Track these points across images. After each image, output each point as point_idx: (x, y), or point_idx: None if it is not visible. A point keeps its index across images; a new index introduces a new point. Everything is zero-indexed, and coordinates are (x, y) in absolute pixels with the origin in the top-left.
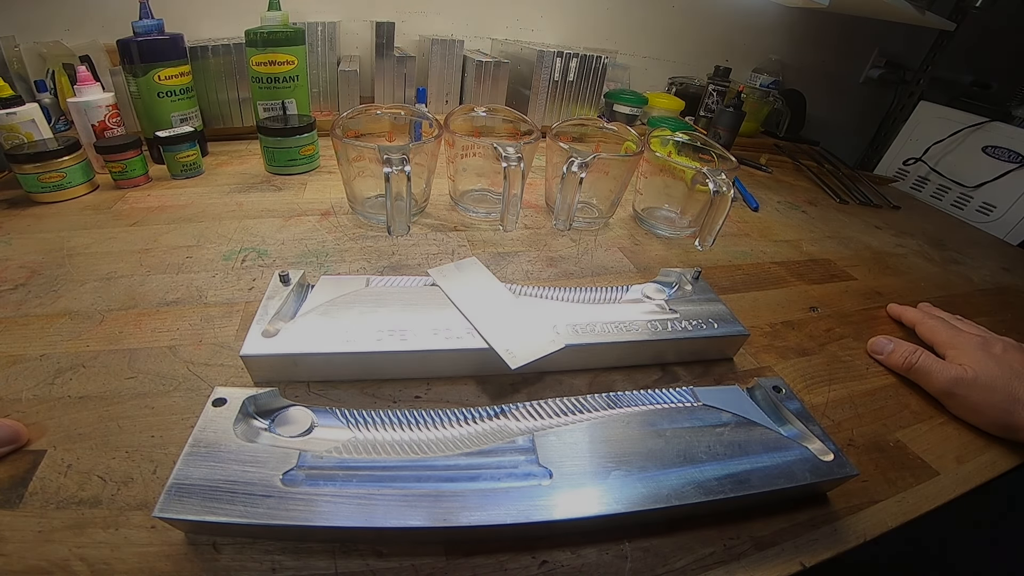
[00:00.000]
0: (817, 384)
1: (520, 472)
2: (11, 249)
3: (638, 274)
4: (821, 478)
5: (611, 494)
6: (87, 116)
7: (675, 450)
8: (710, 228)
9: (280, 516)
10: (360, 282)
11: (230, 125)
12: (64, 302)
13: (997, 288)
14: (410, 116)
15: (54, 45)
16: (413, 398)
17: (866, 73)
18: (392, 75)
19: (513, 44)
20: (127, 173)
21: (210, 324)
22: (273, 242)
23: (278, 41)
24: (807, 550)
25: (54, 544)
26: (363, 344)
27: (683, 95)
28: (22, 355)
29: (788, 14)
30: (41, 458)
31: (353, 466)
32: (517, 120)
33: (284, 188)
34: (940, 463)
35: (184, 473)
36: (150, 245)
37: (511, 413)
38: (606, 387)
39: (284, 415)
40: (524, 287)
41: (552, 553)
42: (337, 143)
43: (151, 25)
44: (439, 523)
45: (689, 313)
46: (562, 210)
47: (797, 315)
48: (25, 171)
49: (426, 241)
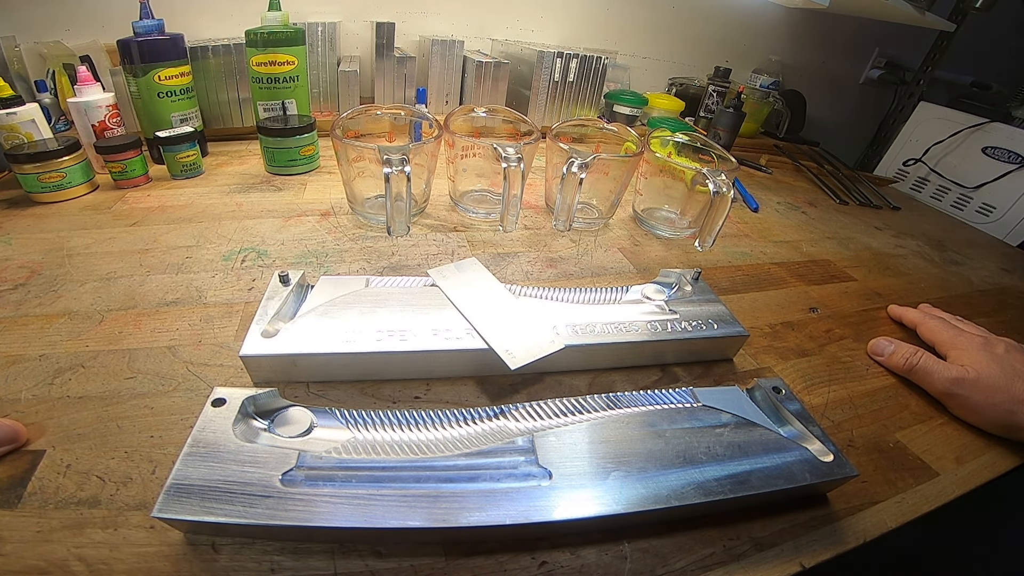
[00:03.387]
0: (817, 385)
1: (520, 473)
2: (11, 249)
3: (638, 275)
4: (821, 479)
5: (611, 495)
6: (87, 116)
7: (675, 451)
8: (710, 229)
9: (279, 516)
10: (360, 282)
11: (230, 125)
12: (64, 302)
13: (997, 289)
14: (410, 116)
15: (54, 45)
16: (413, 398)
17: (866, 74)
18: (392, 75)
19: (513, 44)
20: (127, 173)
21: (210, 324)
22: (273, 242)
23: (278, 41)
24: (807, 551)
25: (53, 544)
26: (363, 344)
27: (683, 96)
28: (21, 355)
29: (788, 15)
30: (40, 458)
31: (352, 466)
32: (517, 121)
33: (284, 188)
34: (940, 464)
35: (183, 473)
36: (150, 245)
37: (511, 413)
38: (606, 388)
39: (283, 415)
40: (524, 288)
41: (552, 554)
42: (337, 143)
43: (151, 25)
44: (438, 523)
45: (689, 314)
46: (562, 211)
47: (797, 316)
48: (25, 171)
49: (426, 241)
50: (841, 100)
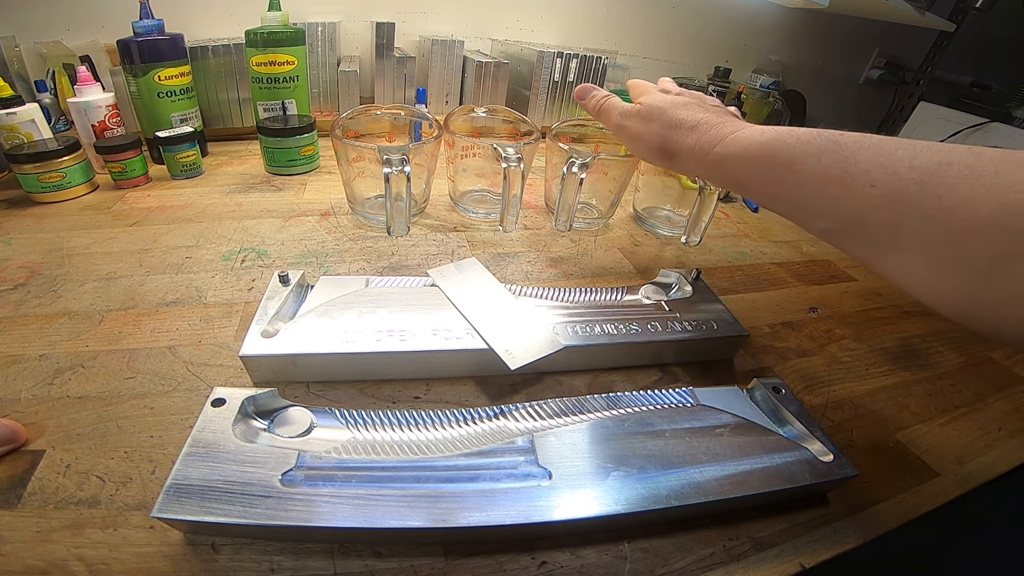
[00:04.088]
0: (817, 385)
1: (519, 473)
2: (11, 249)
3: (638, 275)
4: (821, 479)
5: (610, 495)
6: (87, 116)
7: (675, 451)
8: (696, 225)
9: (279, 516)
10: (360, 282)
11: (230, 125)
12: (64, 302)
13: None
14: (410, 116)
15: (54, 45)
16: (412, 399)
17: (866, 74)
18: (392, 75)
19: (513, 45)
20: (127, 173)
21: (209, 324)
22: (273, 242)
23: (278, 41)
24: (807, 551)
25: (52, 544)
26: (362, 344)
27: None
28: (21, 355)
29: (788, 15)
30: (40, 458)
31: (352, 466)
32: (517, 121)
33: (284, 188)
34: (940, 464)
35: (183, 473)
36: (150, 245)
37: (511, 414)
38: (606, 388)
39: (283, 415)
40: (524, 288)
41: (551, 554)
42: (337, 143)
43: (151, 25)
44: (438, 523)
45: (689, 314)
46: (562, 211)
47: (797, 316)
48: (25, 171)
49: (426, 242)
50: (841, 100)
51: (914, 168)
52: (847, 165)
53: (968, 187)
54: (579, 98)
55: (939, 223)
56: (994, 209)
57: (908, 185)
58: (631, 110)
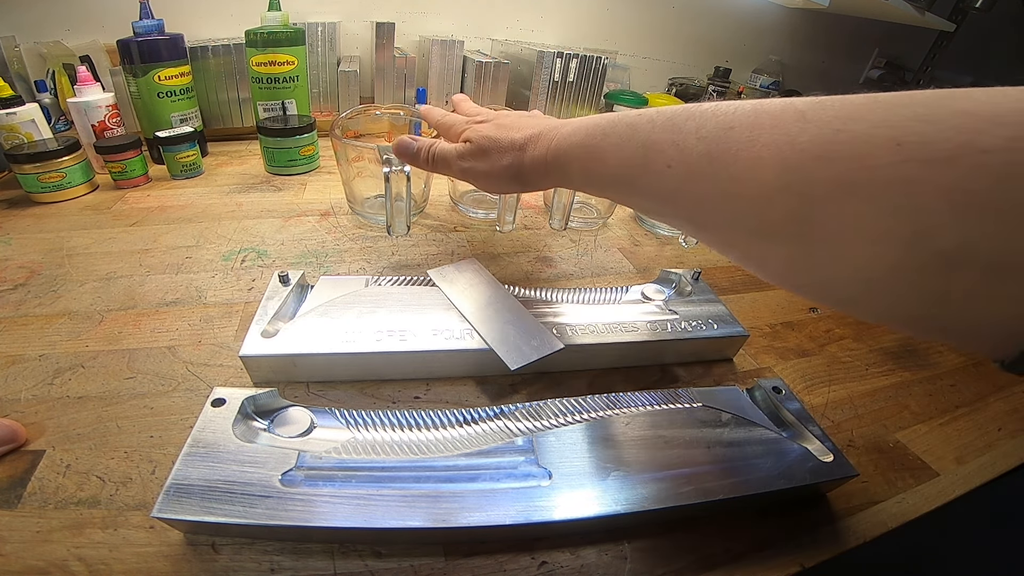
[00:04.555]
0: (817, 385)
1: (519, 473)
2: (11, 249)
3: (637, 275)
4: (821, 479)
5: (610, 495)
6: (87, 116)
7: (675, 451)
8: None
9: (279, 516)
10: (359, 282)
11: (230, 125)
12: (64, 302)
13: None
14: (410, 116)
15: (54, 45)
16: (412, 399)
17: (866, 74)
18: (392, 75)
19: (513, 45)
20: (127, 173)
21: (209, 324)
22: (273, 242)
23: (278, 41)
24: (807, 551)
25: (52, 544)
26: (362, 344)
27: (683, 96)
28: (21, 355)
29: (788, 15)
30: (40, 458)
31: (352, 466)
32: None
33: (284, 188)
34: (940, 464)
35: (183, 473)
36: (150, 245)
37: (510, 414)
38: (605, 388)
39: (283, 415)
40: (523, 288)
41: (551, 554)
42: (336, 143)
43: (151, 25)
44: (438, 524)
45: (689, 314)
46: (558, 210)
47: (797, 316)
48: (25, 171)
49: (426, 242)
50: None
51: (701, 139)
52: (645, 149)
53: (750, 151)
54: (400, 155)
55: (736, 197)
56: (777, 172)
57: (699, 160)
58: (466, 151)
